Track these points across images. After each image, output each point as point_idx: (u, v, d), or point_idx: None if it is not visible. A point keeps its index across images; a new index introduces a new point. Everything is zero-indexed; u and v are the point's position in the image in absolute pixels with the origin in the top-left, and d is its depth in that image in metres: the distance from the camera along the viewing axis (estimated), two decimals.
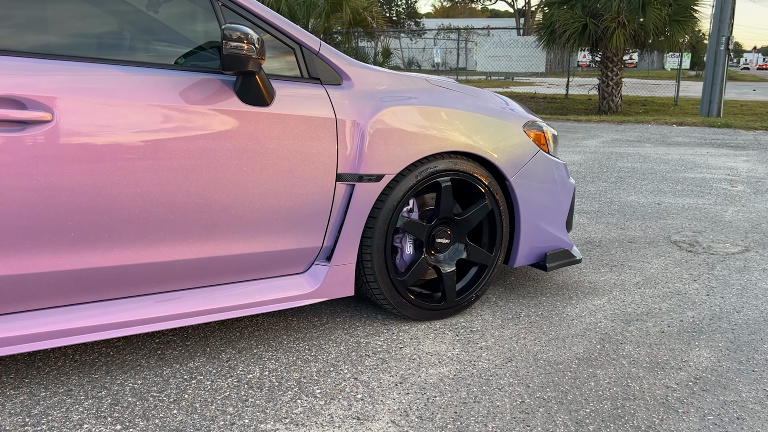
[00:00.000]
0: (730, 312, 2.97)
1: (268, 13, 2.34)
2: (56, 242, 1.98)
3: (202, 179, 2.14)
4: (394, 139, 2.49)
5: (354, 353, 2.45)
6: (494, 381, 2.28)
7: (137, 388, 2.16)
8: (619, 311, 2.95)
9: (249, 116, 2.21)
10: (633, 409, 2.12)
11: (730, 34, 13.10)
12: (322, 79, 2.43)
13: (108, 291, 2.13)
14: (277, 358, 2.39)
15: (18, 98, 1.86)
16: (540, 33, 15.37)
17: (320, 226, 2.43)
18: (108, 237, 2.05)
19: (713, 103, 13.27)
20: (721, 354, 2.53)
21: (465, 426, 2.00)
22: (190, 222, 2.16)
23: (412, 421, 2.01)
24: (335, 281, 2.51)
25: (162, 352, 2.42)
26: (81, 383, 2.18)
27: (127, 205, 2.05)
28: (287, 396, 2.14)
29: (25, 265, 1.95)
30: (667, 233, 4.33)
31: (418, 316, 2.71)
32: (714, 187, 5.98)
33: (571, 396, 2.19)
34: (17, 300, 1.99)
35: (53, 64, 1.97)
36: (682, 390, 2.25)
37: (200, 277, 2.28)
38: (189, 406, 2.06)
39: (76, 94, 1.95)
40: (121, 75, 2.04)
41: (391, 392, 2.18)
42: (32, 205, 1.91)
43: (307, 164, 2.33)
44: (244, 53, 2.06)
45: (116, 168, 2.01)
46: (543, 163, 2.93)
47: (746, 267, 3.63)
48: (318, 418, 2.01)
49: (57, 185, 1.93)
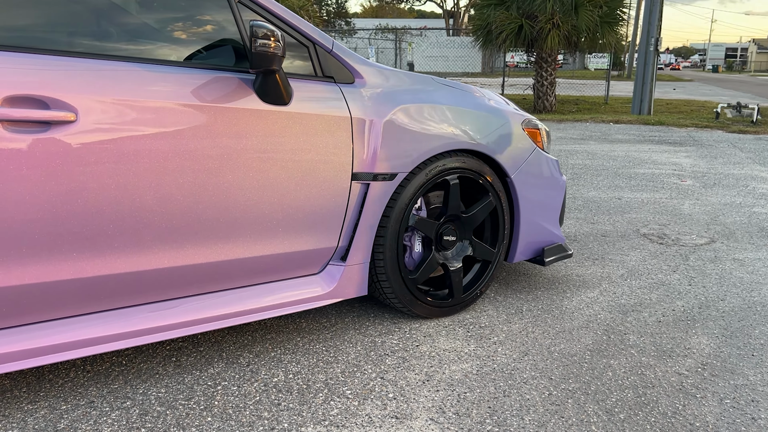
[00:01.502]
0: (715, 300, 3.10)
1: (282, 10, 2.30)
2: (79, 248, 1.89)
3: (224, 180, 2.09)
4: (406, 137, 2.49)
5: (373, 353, 2.45)
6: (517, 375, 2.31)
7: (162, 397, 2.09)
8: (614, 303, 3.03)
9: (269, 115, 2.17)
10: (655, 396, 2.19)
11: (658, 36, 13.66)
12: (336, 78, 2.41)
13: (130, 297, 2.06)
14: (298, 361, 2.36)
15: (41, 98, 1.78)
16: (477, 33, 15.62)
17: (336, 226, 2.41)
18: (131, 241, 1.97)
19: (644, 102, 13.80)
20: (719, 340, 2.65)
21: (503, 420, 2.02)
22: (212, 224, 2.11)
23: (450, 418, 2.02)
24: (350, 281, 2.49)
25: (177, 359, 2.35)
26: (101, 394, 2.10)
27: (151, 207, 1.98)
28: (319, 398, 2.11)
29: (46, 273, 1.86)
30: (635, 227, 4.49)
31: (427, 314, 2.73)
32: (665, 182, 6.22)
33: (594, 386, 2.24)
34: (41, 309, 1.89)
35: (74, 62, 1.88)
36: (693, 376, 2.34)
37: (219, 281, 2.22)
38: (222, 412, 2.01)
39: (99, 93, 1.87)
40: (142, 73, 1.98)
41: (421, 390, 2.18)
42: (56, 209, 1.82)
43: (325, 164, 2.31)
44: (271, 51, 2.02)
45: (140, 170, 1.94)
46: (539, 160, 2.99)
47: (717, 257, 3.80)
48: (356, 419, 2.00)
49: (81, 188, 1.85)
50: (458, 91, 2.81)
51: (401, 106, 2.50)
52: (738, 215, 4.88)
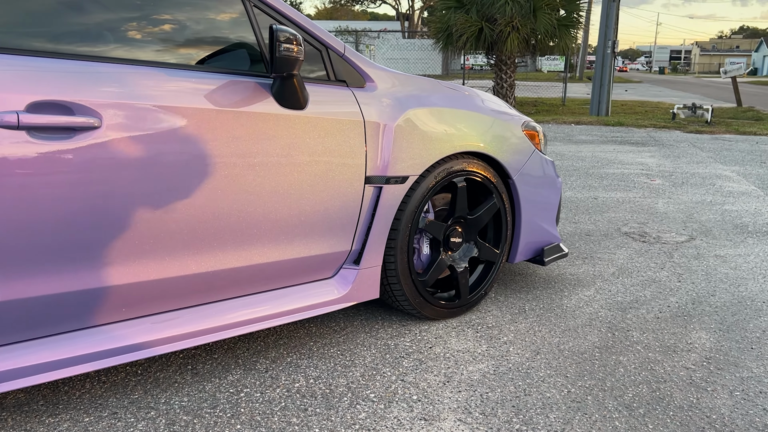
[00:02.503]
0: (705, 296, 3.20)
1: (295, 14, 2.30)
2: (105, 256, 1.86)
3: (245, 185, 2.08)
4: (417, 140, 2.51)
5: (388, 355, 2.45)
6: (533, 374, 2.35)
7: (187, 406, 2.06)
8: (611, 300, 3.10)
9: (287, 120, 2.16)
10: (668, 390, 2.25)
11: (615, 39, 13.97)
12: (348, 82, 2.42)
13: (153, 306, 2.03)
14: (315, 366, 2.35)
15: (65, 103, 1.74)
16: (438, 36, 15.73)
17: (350, 230, 2.41)
18: (155, 248, 1.94)
19: (602, 103, 14.10)
20: (717, 335, 2.73)
21: (529, 418, 2.05)
22: (233, 229, 2.09)
23: (477, 418, 2.05)
24: (363, 285, 2.50)
25: (193, 366, 2.32)
26: (123, 405, 2.06)
27: (174, 214, 1.95)
28: (344, 402, 2.11)
29: (74, 282, 1.82)
30: (615, 225, 4.59)
31: (436, 315, 2.75)
32: (635, 181, 6.38)
33: (609, 383, 2.29)
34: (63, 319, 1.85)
35: (96, 66, 1.85)
36: (700, 370, 2.41)
37: (238, 287, 2.21)
38: (250, 420, 1.99)
39: (121, 98, 1.84)
40: (162, 77, 1.95)
41: (443, 391, 2.20)
42: (80, 218, 1.78)
43: (340, 168, 2.31)
44: (293, 55, 2.02)
45: (164, 176, 1.91)
46: (538, 162, 3.04)
47: (700, 254, 3.91)
48: (385, 422, 2.00)
49: (107, 196, 1.82)
50: (463, 94, 2.84)
51: (412, 110, 2.51)
52: (711, 213, 5.03)
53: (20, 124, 1.65)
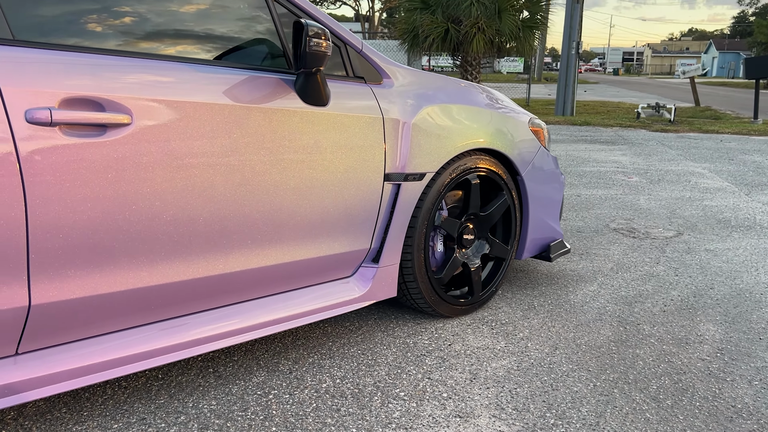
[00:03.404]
0: (705, 289, 3.25)
1: (315, 10, 2.27)
2: (135, 257, 1.80)
3: (271, 183, 2.04)
4: (433, 137, 2.50)
5: (409, 353, 2.43)
6: (556, 368, 2.35)
7: (216, 409, 2.01)
8: (615, 295, 3.14)
9: (310, 116, 2.13)
10: (690, 382, 2.28)
11: (579, 40, 14.19)
12: (366, 78, 2.39)
13: (180, 308, 1.97)
14: (339, 365, 2.32)
15: (96, 99, 1.68)
16: (404, 37, 15.75)
17: (369, 228, 2.39)
18: (185, 248, 1.90)
19: (567, 103, 14.31)
20: (724, 326, 2.78)
21: (562, 413, 2.06)
22: (260, 228, 2.05)
23: (511, 414, 2.04)
24: (382, 283, 2.47)
25: (214, 369, 2.27)
26: (150, 410, 2.00)
27: (204, 213, 1.91)
28: (375, 401, 2.09)
29: (103, 285, 1.76)
30: (604, 222, 4.65)
31: (450, 313, 2.74)
32: (613, 179, 6.48)
33: (632, 376, 2.31)
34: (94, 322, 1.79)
35: (125, 61, 1.79)
36: (716, 361, 2.45)
37: (263, 287, 2.17)
38: (284, 421, 1.95)
39: (151, 94, 1.79)
40: (189, 73, 1.90)
41: (472, 388, 2.19)
42: (112, 218, 1.72)
43: (361, 165, 2.29)
44: (322, 50, 1.99)
45: (193, 174, 1.86)
46: (544, 158, 3.06)
47: (690, 249, 3.99)
48: (421, 420, 1.98)
49: (137, 195, 1.76)
50: (476, 91, 2.84)
51: (429, 106, 2.50)
52: (693, 209, 5.13)
53: (53, 121, 1.59)
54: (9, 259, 1.58)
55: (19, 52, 1.60)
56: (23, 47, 1.62)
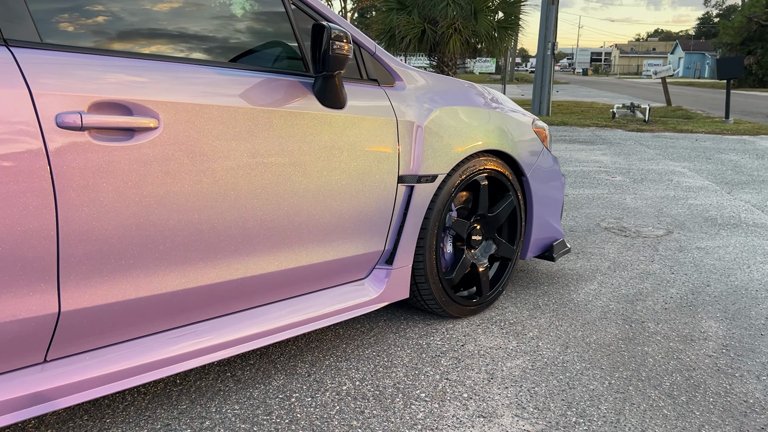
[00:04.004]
0: (702, 287, 3.32)
1: (331, 13, 2.27)
2: (163, 262, 1.79)
3: (293, 185, 2.04)
4: (445, 138, 2.51)
5: (424, 355, 2.45)
6: (570, 367, 2.38)
7: (240, 414, 2.00)
8: (616, 293, 3.18)
9: (329, 119, 2.14)
10: (701, 378, 2.33)
11: (554, 40, 14.34)
12: (379, 81, 2.40)
13: (200, 313, 1.96)
14: (356, 368, 2.33)
15: (124, 103, 1.66)
16: (381, 38, 15.76)
17: (383, 230, 2.40)
18: (210, 252, 1.89)
19: (543, 103, 14.45)
20: (726, 323, 2.84)
21: (582, 411, 2.08)
22: (281, 231, 2.05)
23: (533, 413, 2.06)
24: (396, 284, 2.48)
25: (232, 374, 2.26)
26: (173, 416, 1.98)
27: (229, 216, 1.90)
28: (398, 403, 2.09)
29: (130, 290, 1.74)
30: (594, 221, 4.72)
31: (459, 313, 2.76)
32: (597, 178, 6.56)
33: (644, 373, 2.35)
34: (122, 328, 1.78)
35: (151, 65, 1.78)
36: (723, 357, 2.50)
37: (283, 290, 2.16)
38: (310, 425, 1.95)
39: (177, 98, 1.78)
40: (213, 76, 1.89)
41: (491, 388, 2.21)
42: (139, 223, 1.71)
43: (376, 167, 2.29)
44: (344, 53, 1.99)
45: (219, 178, 1.85)
46: (547, 159, 3.10)
47: (682, 247, 4.06)
48: (446, 421, 2.00)
49: (165, 200, 1.75)
50: (481, 92, 2.87)
51: (440, 108, 2.52)
52: (679, 207, 5.23)
53: (83, 125, 1.57)
54: (40, 265, 1.55)
55: (47, 56, 1.58)
56: (51, 50, 1.59)
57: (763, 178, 6.72)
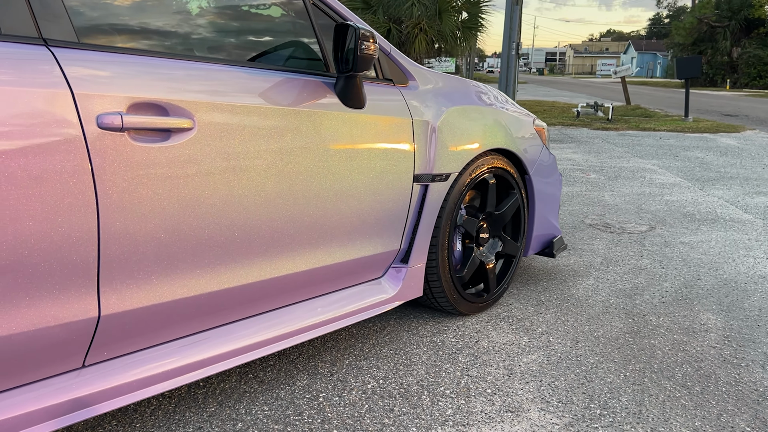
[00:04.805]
0: (693, 280, 3.42)
1: (349, 13, 2.27)
2: (197, 264, 1.77)
3: (318, 185, 2.04)
4: (457, 138, 2.54)
5: (441, 352, 2.47)
6: (584, 361, 2.43)
7: (271, 415, 1.99)
8: (614, 288, 3.26)
9: (350, 119, 2.14)
10: (710, 368, 2.40)
11: (519, 41, 14.50)
12: (394, 80, 2.41)
13: (229, 314, 1.95)
14: (377, 366, 2.34)
15: (161, 103, 1.65)
16: None
17: (400, 229, 2.41)
18: (241, 253, 1.88)
19: None
20: (722, 315, 2.93)
21: (604, 403, 2.13)
22: (308, 231, 2.05)
23: (558, 406, 2.10)
24: (411, 283, 2.50)
25: (254, 375, 2.24)
26: (203, 418, 1.96)
27: (260, 218, 1.89)
28: (425, 400, 2.11)
29: (167, 292, 1.73)
30: (578, 218, 4.80)
31: (469, 311, 2.79)
32: (572, 176, 6.68)
33: (656, 365, 2.41)
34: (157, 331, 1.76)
35: (186, 65, 1.77)
36: (726, 348, 2.58)
37: (306, 291, 2.16)
38: (342, 423, 1.95)
39: (210, 98, 1.77)
40: (243, 76, 1.89)
41: (512, 383, 2.24)
42: (176, 225, 1.69)
43: (394, 167, 2.31)
44: (371, 53, 2.00)
45: (250, 179, 1.85)
46: (547, 157, 3.15)
47: (667, 242, 4.17)
48: (475, 417, 2.02)
49: (200, 201, 1.73)
50: (486, 91, 2.90)
51: (452, 108, 2.54)
52: (657, 204, 5.36)
53: (123, 126, 1.55)
54: (81, 268, 1.53)
55: (85, 55, 1.55)
56: (87, 50, 1.57)
57: (731, 174, 6.93)
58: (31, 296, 1.46)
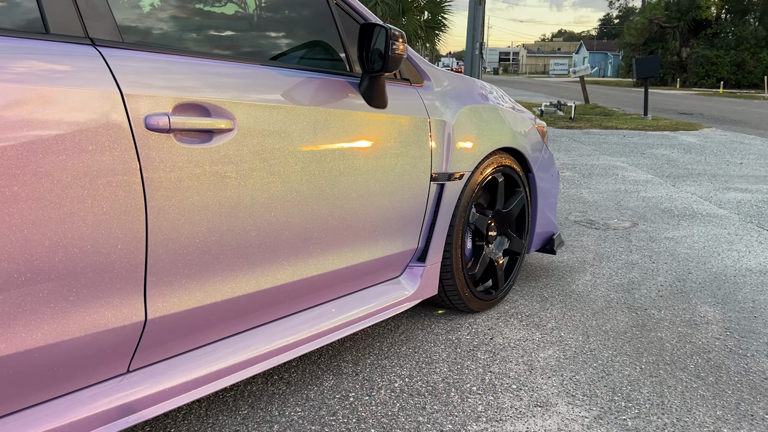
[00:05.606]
0: (684, 274, 3.51)
1: (369, 13, 2.28)
2: (239, 265, 1.76)
3: (346, 186, 2.04)
4: (471, 136, 2.57)
5: (459, 349, 2.49)
6: (599, 354, 2.48)
7: (305, 416, 1.99)
8: (611, 283, 3.33)
9: (374, 119, 2.15)
10: (720, 359, 2.48)
11: (482, 41, 14.67)
12: (411, 80, 2.43)
13: (262, 316, 1.94)
14: (400, 365, 2.35)
15: (204, 104, 1.63)
16: None
17: (418, 228, 2.43)
18: (280, 254, 1.87)
19: None
20: (719, 307, 3.02)
21: (627, 395, 2.18)
22: (337, 231, 2.05)
23: (584, 400, 2.14)
24: (428, 281, 2.52)
25: (279, 376, 2.23)
26: (237, 422, 1.94)
27: (296, 218, 1.89)
28: (454, 397, 2.13)
29: (210, 295, 1.71)
30: (563, 215, 4.88)
31: (479, 308, 2.82)
32: None
33: (668, 357, 2.48)
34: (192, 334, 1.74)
35: (225, 66, 1.75)
36: (729, 339, 2.67)
37: (332, 291, 2.16)
38: (378, 422, 1.96)
39: (249, 98, 1.76)
40: (275, 76, 1.88)
41: (536, 378, 2.28)
42: (219, 227, 1.68)
43: (414, 166, 2.32)
44: (400, 53, 2.01)
45: (287, 179, 1.84)
46: (547, 156, 3.20)
47: (652, 238, 4.27)
48: (506, 412, 2.05)
49: (241, 202, 1.72)
50: (493, 91, 2.94)
51: (465, 107, 2.57)
52: (634, 200, 5.48)
53: (170, 128, 1.53)
54: (129, 272, 1.51)
55: (131, 54, 1.53)
56: (133, 50, 1.54)
57: (698, 171, 7.13)
58: (80, 301, 1.43)
